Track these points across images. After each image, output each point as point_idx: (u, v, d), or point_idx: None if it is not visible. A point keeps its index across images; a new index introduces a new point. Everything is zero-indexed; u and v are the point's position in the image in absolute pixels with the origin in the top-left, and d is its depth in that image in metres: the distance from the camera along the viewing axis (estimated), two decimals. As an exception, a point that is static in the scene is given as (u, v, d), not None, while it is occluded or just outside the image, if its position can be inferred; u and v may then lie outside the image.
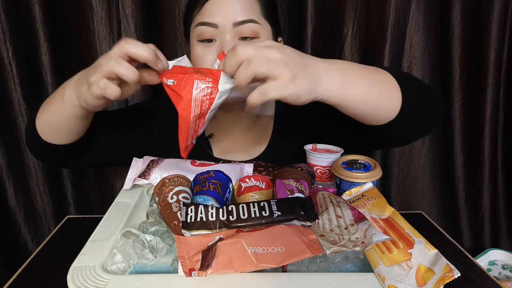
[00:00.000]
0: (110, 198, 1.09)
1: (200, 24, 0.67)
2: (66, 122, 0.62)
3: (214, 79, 0.52)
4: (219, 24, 0.66)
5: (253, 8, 0.67)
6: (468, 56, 1.03)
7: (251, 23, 0.66)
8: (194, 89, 0.51)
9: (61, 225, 0.75)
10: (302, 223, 0.47)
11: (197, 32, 0.68)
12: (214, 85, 0.52)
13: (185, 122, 0.54)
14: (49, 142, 0.66)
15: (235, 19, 0.65)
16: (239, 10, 0.66)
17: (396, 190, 1.15)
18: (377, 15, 0.96)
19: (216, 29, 0.66)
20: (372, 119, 0.57)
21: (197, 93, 0.52)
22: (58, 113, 0.61)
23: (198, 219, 0.47)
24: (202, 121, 0.56)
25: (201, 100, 0.52)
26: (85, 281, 0.44)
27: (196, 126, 0.56)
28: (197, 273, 0.43)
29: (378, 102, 0.55)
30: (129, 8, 0.94)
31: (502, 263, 1.07)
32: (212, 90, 0.52)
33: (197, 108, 0.53)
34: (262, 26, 0.69)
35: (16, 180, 1.02)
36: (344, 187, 0.63)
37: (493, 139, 1.09)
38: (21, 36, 0.94)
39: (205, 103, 0.52)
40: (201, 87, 0.52)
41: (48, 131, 0.65)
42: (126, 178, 0.67)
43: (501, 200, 1.14)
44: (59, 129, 0.64)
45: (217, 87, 0.51)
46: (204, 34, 0.67)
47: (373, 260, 0.46)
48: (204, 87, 0.51)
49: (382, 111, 0.56)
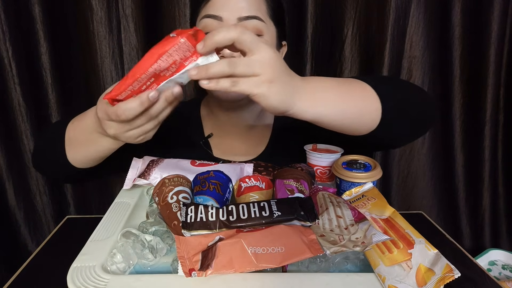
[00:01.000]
0: (110, 198, 1.09)
1: (205, 17, 0.68)
2: (104, 154, 0.64)
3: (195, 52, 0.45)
4: (224, 17, 0.66)
5: (259, 6, 0.68)
6: (468, 56, 1.03)
7: (255, 19, 0.67)
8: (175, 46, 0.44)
9: (61, 225, 0.76)
10: (302, 223, 0.47)
11: (202, 25, 0.68)
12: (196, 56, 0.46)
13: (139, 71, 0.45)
14: (81, 168, 0.68)
15: (240, 14, 0.66)
16: (245, 6, 0.66)
17: (396, 190, 1.15)
18: (377, 15, 0.96)
19: (221, 22, 0.66)
20: (351, 131, 0.58)
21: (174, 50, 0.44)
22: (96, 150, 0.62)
23: (198, 219, 0.47)
24: (155, 86, 0.47)
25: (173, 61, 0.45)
26: (85, 281, 0.44)
27: (143, 85, 0.46)
28: (197, 273, 0.43)
29: (354, 116, 0.55)
30: (129, 8, 0.94)
31: (502, 263, 1.07)
32: (191, 59, 0.46)
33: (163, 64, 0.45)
34: (267, 25, 0.69)
35: (16, 180, 1.02)
36: (344, 187, 0.63)
37: (493, 139, 1.09)
38: (21, 36, 0.94)
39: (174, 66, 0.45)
40: (183, 48, 0.45)
41: (85, 163, 0.66)
42: (126, 178, 0.67)
43: (501, 200, 1.14)
44: (96, 159, 0.66)
45: (198, 58, 0.46)
46: (208, 27, 0.67)
47: (373, 260, 0.45)
48: (186, 50, 0.45)
49: (360, 123, 0.57)
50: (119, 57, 0.99)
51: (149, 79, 0.46)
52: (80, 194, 1.09)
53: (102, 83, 0.99)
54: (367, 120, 0.56)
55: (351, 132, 0.58)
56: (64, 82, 1.00)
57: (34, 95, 0.98)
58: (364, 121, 0.56)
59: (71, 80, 1.01)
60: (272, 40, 0.71)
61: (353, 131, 0.58)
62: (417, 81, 1.06)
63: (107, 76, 0.99)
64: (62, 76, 0.99)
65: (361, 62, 1.02)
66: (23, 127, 0.99)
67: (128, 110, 0.46)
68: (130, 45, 0.98)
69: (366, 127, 0.57)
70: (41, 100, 0.99)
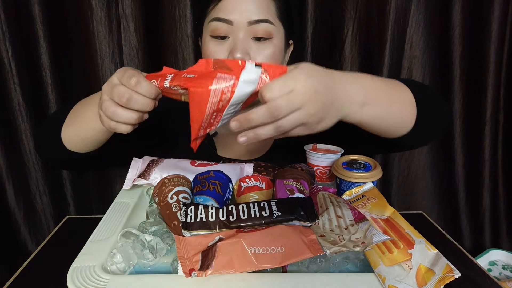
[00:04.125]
0: (110, 198, 1.09)
1: (215, 20, 0.67)
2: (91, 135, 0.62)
3: (237, 70, 0.45)
4: (234, 21, 0.66)
5: (269, 9, 0.68)
6: (468, 56, 1.03)
7: (265, 23, 0.67)
8: (215, 80, 0.45)
9: (60, 225, 0.75)
10: (302, 223, 0.47)
11: (211, 28, 0.68)
12: (237, 76, 0.45)
13: (200, 114, 0.47)
14: (75, 151, 0.66)
15: (250, 17, 0.66)
16: (255, 9, 0.66)
17: (396, 190, 1.15)
18: (377, 15, 0.96)
19: (231, 26, 0.66)
20: (388, 134, 0.59)
21: (217, 84, 0.45)
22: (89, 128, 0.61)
23: (198, 219, 0.47)
24: (220, 115, 0.49)
25: (221, 91, 0.45)
26: (84, 281, 0.43)
27: (211, 119, 0.50)
28: (197, 273, 0.43)
29: (395, 119, 0.56)
30: (129, 8, 0.94)
31: (503, 263, 1.07)
32: (235, 82, 0.45)
33: (215, 98, 0.46)
34: (276, 28, 0.69)
35: (16, 180, 1.02)
36: (344, 187, 0.63)
37: (493, 139, 1.09)
38: (21, 36, 0.94)
39: (225, 94, 0.46)
40: (223, 77, 0.45)
41: (75, 143, 0.65)
42: (126, 178, 0.66)
43: (501, 200, 1.14)
44: (85, 140, 0.64)
45: (238, 76, 0.45)
46: (218, 30, 0.67)
47: (373, 260, 0.45)
48: (226, 77, 0.45)
49: (398, 126, 0.58)
50: (119, 57, 0.99)
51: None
52: (80, 194, 1.09)
53: (102, 83, 0.98)
54: (405, 122, 0.58)
55: (386, 134, 0.59)
56: (64, 82, 1.00)
57: (34, 95, 0.98)
58: (403, 123, 0.58)
59: (71, 80, 1.01)
60: (281, 41, 0.71)
61: (389, 133, 0.59)
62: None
63: (107, 76, 0.99)
64: (62, 76, 0.99)
65: (361, 62, 1.02)
66: (23, 127, 0.99)
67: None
68: (130, 45, 0.98)
69: (402, 129, 0.58)
70: (41, 100, 0.99)
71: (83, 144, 0.64)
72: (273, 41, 0.68)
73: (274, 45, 0.69)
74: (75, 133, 0.63)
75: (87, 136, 0.62)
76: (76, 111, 0.64)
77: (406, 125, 0.58)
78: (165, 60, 1.00)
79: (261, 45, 0.67)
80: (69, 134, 0.64)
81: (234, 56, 0.65)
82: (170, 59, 0.99)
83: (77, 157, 0.67)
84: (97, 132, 0.60)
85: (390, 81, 0.58)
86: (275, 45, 0.69)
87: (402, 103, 0.57)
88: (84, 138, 0.63)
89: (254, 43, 0.67)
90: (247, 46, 0.66)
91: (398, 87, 0.58)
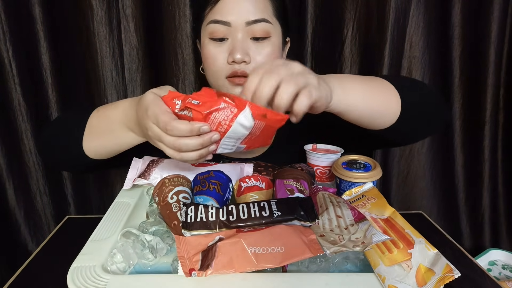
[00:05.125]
0: (110, 198, 1.09)
1: (213, 22, 0.67)
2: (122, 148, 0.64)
3: (239, 107, 0.46)
4: (232, 22, 0.66)
5: (266, 8, 0.68)
6: (468, 56, 1.03)
7: (263, 22, 0.67)
8: (216, 109, 0.46)
9: (61, 225, 0.76)
10: (302, 223, 0.47)
11: (209, 30, 0.68)
12: (237, 113, 0.46)
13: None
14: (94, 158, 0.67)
15: (248, 18, 0.66)
16: (252, 9, 0.66)
17: (396, 190, 1.15)
18: (377, 15, 0.96)
19: (229, 27, 0.66)
20: (373, 124, 0.60)
21: (217, 114, 0.46)
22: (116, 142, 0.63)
23: (198, 219, 0.47)
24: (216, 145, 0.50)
25: (218, 123, 0.47)
26: (85, 281, 0.44)
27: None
28: (197, 273, 0.43)
29: (379, 107, 0.58)
30: (129, 8, 0.94)
31: (502, 263, 1.07)
32: (233, 117, 0.46)
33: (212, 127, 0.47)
34: (274, 26, 0.69)
35: (16, 180, 1.02)
36: (344, 187, 0.63)
37: (493, 139, 1.09)
38: (21, 36, 0.94)
39: (222, 126, 0.47)
40: (224, 107, 0.46)
41: (100, 154, 0.66)
42: (126, 178, 0.67)
43: (501, 200, 1.14)
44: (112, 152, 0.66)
45: (238, 115, 0.46)
46: (216, 32, 0.67)
47: (373, 260, 0.46)
48: (228, 110, 0.46)
49: (383, 116, 0.59)
50: (119, 57, 0.99)
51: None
52: (80, 194, 1.09)
53: (102, 83, 0.99)
54: (389, 112, 0.59)
55: (372, 125, 0.60)
56: (64, 82, 1.00)
57: (34, 95, 0.98)
58: (387, 112, 0.59)
59: (71, 80, 1.01)
60: (279, 39, 0.71)
61: (374, 123, 0.60)
62: (417, 81, 1.06)
63: (107, 76, 0.99)
64: (62, 76, 0.99)
65: (361, 62, 1.02)
66: (23, 127, 0.99)
67: (177, 130, 0.46)
68: (130, 45, 0.98)
69: (387, 119, 0.59)
70: (41, 100, 0.99)
71: (107, 154, 0.66)
72: (271, 40, 0.69)
73: (273, 43, 0.69)
74: (102, 146, 0.64)
75: (114, 150, 0.65)
76: (98, 124, 0.64)
77: (391, 111, 0.59)
78: (165, 60, 1.00)
79: (259, 45, 0.68)
80: (94, 145, 0.65)
81: (234, 57, 0.65)
82: (170, 59, 0.99)
83: (94, 162, 0.68)
84: (129, 145, 0.63)
85: (365, 76, 0.62)
86: (274, 43, 0.69)
87: (382, 91, 0.59)
88: (112, 152, 0.65)
89: (253, 43, 0.67)
90: (246, 46, 0.66)
91: (376, 78, 0.62)
